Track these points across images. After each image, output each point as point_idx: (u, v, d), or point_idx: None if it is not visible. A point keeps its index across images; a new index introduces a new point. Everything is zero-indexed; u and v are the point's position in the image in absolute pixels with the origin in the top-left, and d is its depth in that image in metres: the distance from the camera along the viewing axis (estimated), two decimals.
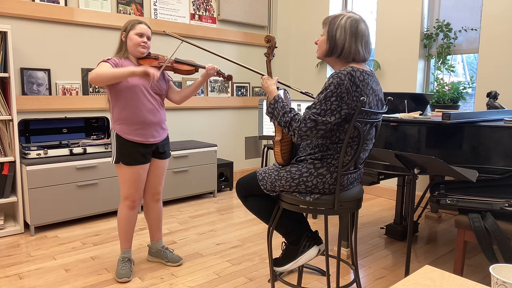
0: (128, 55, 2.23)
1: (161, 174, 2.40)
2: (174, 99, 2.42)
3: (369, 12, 4.32)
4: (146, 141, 2.23)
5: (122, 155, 2.19)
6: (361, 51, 1.61)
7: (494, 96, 2.65)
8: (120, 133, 2.19)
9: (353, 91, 1.52)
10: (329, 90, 1.52)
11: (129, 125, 2.18)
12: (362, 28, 1.60)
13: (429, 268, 1.03)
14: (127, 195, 2.26)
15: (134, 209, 2.30)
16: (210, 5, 4.30)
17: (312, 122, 1.53)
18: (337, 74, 1.53)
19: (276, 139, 1.75)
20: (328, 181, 1.63)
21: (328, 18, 1.64)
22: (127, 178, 2.22)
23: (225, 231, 3.09)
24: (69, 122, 3.37)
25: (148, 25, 2.24)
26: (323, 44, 1.66)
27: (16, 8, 3.08)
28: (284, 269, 1.84)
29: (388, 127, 2.28)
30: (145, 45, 2.20)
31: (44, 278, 2.30)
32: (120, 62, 2.17)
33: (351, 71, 1.53)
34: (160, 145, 2.33)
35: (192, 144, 3.92)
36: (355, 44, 1.59)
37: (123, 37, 2.21)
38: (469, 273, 2.42)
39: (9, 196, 2.96)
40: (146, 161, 2.26)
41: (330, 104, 1.51)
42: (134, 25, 2.19)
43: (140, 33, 2.18)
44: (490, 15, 3.20)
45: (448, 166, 1.72)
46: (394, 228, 2.98)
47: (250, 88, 4.78)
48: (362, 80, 1.55)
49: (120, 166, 2.21)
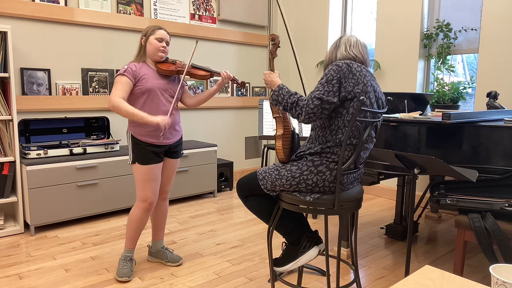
0: (146, 59, 2.29)
1: (171, 173, 2.45)
2: (188, 103, 2.48)
3: (369, 12, 4.32)
4: (159, 143, 2.28)
5: (138, 155, 2.25)
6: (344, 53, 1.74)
7: (494, 96, 2.65)
8: (135, 135, 2.24)
9: (350, 78, 1.61)
10: (329, 74, 1.63)
11: (144, 127, 2.23)
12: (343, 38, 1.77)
13: (429, 268, 1.03)
14: (144, 197, 2.28)
15: (148, 212, 2.32)
16: (210, 5, 4.30)
17: (318, 100, 1.60)
18: (336, 63, 1.65)
19: (278, 134, 1.80)
20: (327, 178, 1.64)
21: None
22: (143, 178, 2.26)
23: (225, 231, 3.09)
24: (69, 122, 3.37)
25: (167, 30, 2.30)
26: None
27: (16, 8, 3.08)
28: (284, 269, 1.84)
29: (388, 127, 2.28)
30: (164, 50, 2.27)
31: (44, 278, 2.30)
32: (138, 68, 2.22)
33: (349, 62, 1.64)
34: (173, 145, 2.37)
35: (192, 144, 3.92)
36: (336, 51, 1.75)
37: (143, 41, 2.27)
38: (469, 273, 2.42)
39: (9, 196, 2.96)
40: (160, 160, 2.31)
41: (332, 86, 1.60)
42: (154, 30, 2.25)
43: (160, 38, 2.25)
44: (490, 15, 3.20)
45: (448, 166, 1.72)
46: (394, 228, 2.98)
47: (250, 88, 4.78)
48: (360, 70, 1.64)
49: (136, 166, 2.26)
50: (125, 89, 2.15)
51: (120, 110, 2.09)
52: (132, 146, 2.26)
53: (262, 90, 4.91)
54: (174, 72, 2.29)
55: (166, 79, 2.30)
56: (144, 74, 2.22)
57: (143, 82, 2.20)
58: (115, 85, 2.15)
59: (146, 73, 2.23)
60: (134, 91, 2.21)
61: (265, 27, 4.85)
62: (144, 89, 2.20)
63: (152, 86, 2.22)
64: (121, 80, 2.15)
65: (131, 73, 2.18)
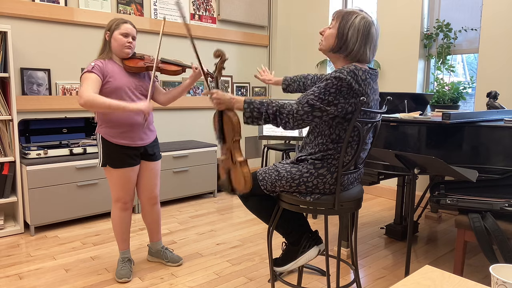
0: (112, 55, 2.16)
1: (154, 177, 2.34)
2: (160, 100, 2.35)
3: (369, 12, 4.32)
4: (134, 144, 2.17)
5: (109, 158, 2.14)
6: (368, 54, 1.59)
7: (494, 96, 2.65)
8: (105, 136, 2.13)
9: (354, 89, 1.51)
10: (330, 81, 1.50)
11: (114, 128, 2.13)
12: (373, 32, 1.57)
13: (429, 268, 1.02)
14: (117, 197, 2.22)
15: (126, 211, 2.27)
16: (210, 5, 4.30)
17: (309, 107, 1.50)
18: (340, 70, 1.51)
19: (241, 160, 1.65)
20: (328, 181, 1.63)
21: (341, 13, 1.58)
22: (116, 181, 2.18)
23: (225, 231, 3.09)
24: (69, 122, 3.37)
25: (133, 24, 2.17)
26: (330, 38, 1.60)
27: (16, 8, 3.08)
28: (284, 269, 1.84)
29: (388, 127, 2.28)
30: (131, 46, 2.14)
31: (44, 278, 2.30)
32: (104, 65, 2.09)
33: (354, 69, 1.52)
34: (149, 147, 2.27)
35: (192, 144, 3.92)
36: (364, 46, 1.56)
37: (107, 36, 2.14)
38: (469, 273, 2.42)
39: (9, 196, 2.96)
40: (135, 163, 2.21)
41: (328, 95, 1.50)
42: (119, 24, 2.11)
43: (125, 33, 2.11)
44: (490, 15, 3.20)
45: (448, 166, 1.72)
46: (394, 228, 2.98)
47: (250, 88, 4.78)
48: (364, 79, 1.54)
49: (108, 169, 2.16)
50: (95, 86, 2.00)
51: (95, 103, 1.92)
52: (102, 148, 2.14)
53: (262, 90, 4.91)
54: (143, 69, 2.15)
55: (136, 76, 2.17)
56: (111, 71, 2.09)
57: (111, 80, 2.07)
58: (84, 82, 1.99)
59: (113, 71, 2.10)
60: (102, 90, 2.07)
61: (265, 27, 4.84)
62: (112, 88, 2.07)
63: (121, 85, 2.09)
64: (89, 76, 2.00)
65: (99, 70, 2.04)
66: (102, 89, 2.08)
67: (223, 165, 1.81)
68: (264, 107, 1.56)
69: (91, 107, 1.94)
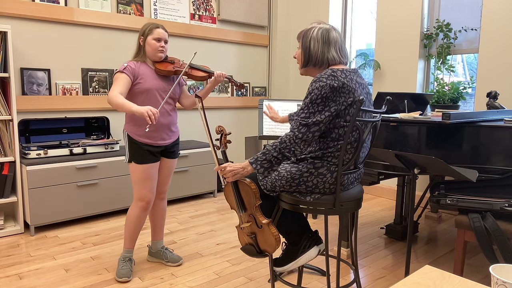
0: (146, 59, 2.27)
1: (168, 173, 2.44)
2: (184, 103, 2.46)
3: (369, 12, 4.32)
4: (155, 143, 2.27)
5: (134, 154, 2.24)
6: (335, 56, 1.67)
7: (494, 96, 2.65)
8: (131, 134, 2.24)
9: (337, 88, 1.55)
10: (313, 94, 1.56)
11: (140, 127, 2.22)
12: (333, 36, 1.67)
13: (429, 268, 1.03)
14: (141, 196, 2.28)
15: (146, 211, 2.32)
16: (210, 5, 4.30)
17: (304, 127, 1.57)
18: (319, 78, 1.58)
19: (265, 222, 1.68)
20: (328, 180, 1.64)
21: (301, 32, 1.73)
22: (139, 177, 2.26)
23: (225, 231, 3.09)
24: (69, 122, 3.37)
25: (165, 28, 2.27)
26: (300, 56, 1.74)
27: (16, 8, 3.08)
28: (284, 269, 1.84)
29: (388, 127, 2.28)
30: (163, 50, 2.25)
31: (44, 278, 2.30)
32: (137, 67, 2.20)
33: (331, 72, 1.58)
34: (170, 146, 2.37)
35: (192, 144, 3.92)
36: (327, 51, 1.66)
37: (141, 41, 2.24)
38: (469, 273, 2.42)
39: (9, 196, 2.96)
40: (157, 160, 2.30)
41: (316, 106, 1.56)
42: (152, 29, 2.21)
43: (158, 37, 2.22)
44: (490, 15, 3.20)
45: (448, 166, 1.72)
46: (394, 228, 2.98)
47: (250, 88, 4.78)
48: (345, 76, 1.59)
49: (133, 165, 2.26)
50: (124, 85, 2.12)
51: (112, 102, 2.05)
52: (128, 145, 2.26)
53: (262, 90, 4.91)
54: (172, 73, 2.26)
55: (165, 79, 2.29)
56: (142, 73, 2.21)
57: (142, 81, 2.19)
58: (114, 82, 2.13)
59: (145, 73, 2.22)
60: (133, 90, 2.20)
61: (265, 27, 4.84)
62: (142, 89, 2.19)
63: (150, 87, 2.21)
64: (120, 76, 2.14)
65: (130, 71, 2.16)
66: (133, 89, 2.19)
67: (244, 232, 1.83)
68: (268, 154, 1.64)
69: (111, 105, 2.06)
